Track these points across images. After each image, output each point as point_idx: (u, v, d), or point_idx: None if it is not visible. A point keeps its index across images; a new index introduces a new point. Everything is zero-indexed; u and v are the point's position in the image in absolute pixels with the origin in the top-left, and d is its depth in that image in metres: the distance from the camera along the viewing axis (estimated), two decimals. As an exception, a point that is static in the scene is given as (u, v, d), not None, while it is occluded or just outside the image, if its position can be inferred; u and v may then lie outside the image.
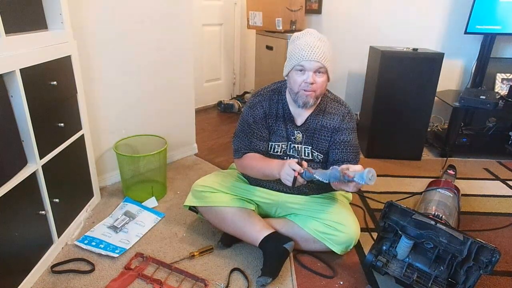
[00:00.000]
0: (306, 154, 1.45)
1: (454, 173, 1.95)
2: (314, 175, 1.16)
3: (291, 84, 1.35)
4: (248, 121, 1.46)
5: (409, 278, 1.21)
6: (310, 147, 1.44)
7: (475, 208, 1.88)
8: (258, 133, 1.46)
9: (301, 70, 1.30)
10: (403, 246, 1.25)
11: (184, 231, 1.62)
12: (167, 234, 1.60)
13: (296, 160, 1.22)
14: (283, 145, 1.46)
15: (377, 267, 1.27)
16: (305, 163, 1.21)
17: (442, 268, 1.20)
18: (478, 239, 1.10)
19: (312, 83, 1.29)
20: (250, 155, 1.47)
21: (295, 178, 1.18)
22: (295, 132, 1.43)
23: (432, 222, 1.19)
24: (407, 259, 1.27)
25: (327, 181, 1.15)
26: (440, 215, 1.35)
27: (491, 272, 1.08)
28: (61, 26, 1.42)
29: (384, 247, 1.31)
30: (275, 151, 1.47)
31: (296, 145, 1.44)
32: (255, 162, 1.42)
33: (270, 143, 1.47)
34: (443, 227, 1.17)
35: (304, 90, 1.31)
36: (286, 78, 1.40)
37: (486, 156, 2.51)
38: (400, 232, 1.24)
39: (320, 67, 1.28)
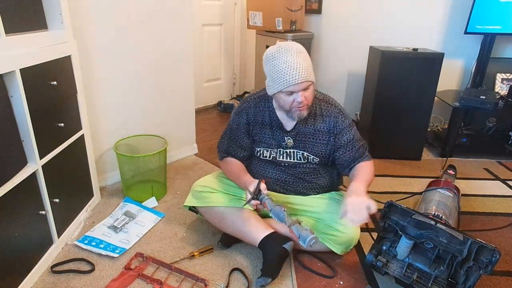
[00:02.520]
0: (298, 158, 1.45)
1: (454, 173, 1.95)
2: (265, 200, 1.27)
3: (281, 104, 1.33)
4: (232, 127, 1.50)
5: (409, 278, 1.21)
6: (302, 151, 1.43)
7: (475, 208, 1.88)
8: (238, 141, 1.49)
9: (290, 93, 1.27)
10: (403, 246, 1.25)
11: (184, 231, 1.62)
12: (167, 234, 1.60)
13: (253, 188, 1.29)
14: (272, 152, 1.46)
15: (377, 267, 1.27)
16: (263, 186, 1.28)
17: (442, 268, 1.20)
18: (478, 239, 1.10)
19: (303, 101, 1.28)
20: (228, 160, 1.52)
21: (253, 198, 1.29)
22: (285, 138, 1.43)
23: (432, 222, 1.19)
24: (407, 259, 1.27)
25: (272, 216, 1.25)
26: (440, 215, 1.36)
27: (491, 272, 1.08)
28: (61, 26, 1.42)
29: (384, 247, 1.31)
30: (264, 156, 1.48)
31: (287, 150, 1.45)
32: (231, 170, 1.49)
33: (257, 149, 1.48)
34: (443, 227, 1.17)
35: (297, 107, 1.30)
36: (271, 96, 1.37)
37: (486, 156, 2.51)
38: (400, 232, 1.24)
39: (308, 84, 1.27)
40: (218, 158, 1.58)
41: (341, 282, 1.35)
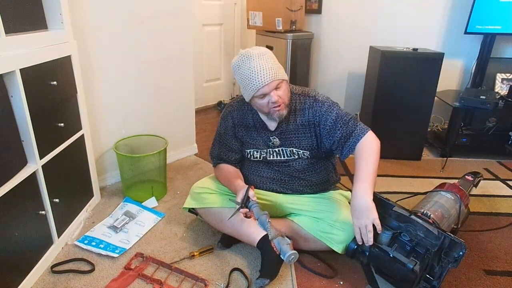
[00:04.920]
0: (287, 155, 1.45)
1: (472, 179, 1.82)
2: (253, 208, 1.28)
3: (258, 108, 1.36)
4: (220, 132, 1.52)
5: None
6: (290, 148, 1.44)
7: (475, 208, 1.87)
8: (228, 144, 1.51)
9: (262, 96, 1.29)
10: (382, 236, 1.29)
11: (184, 231, 1.62)
12: (167, 234, 1.60)
13: (242, 196, 1.30)
14: (261, 152, 1.47)
15: (351, 251, 1.31)
16: (251, 192, 1.30)
17: (417, 261, 1.24)
18: (449, 234, 1.16)
19: (277, 100, 1.28)
20: (220, 167, 1.54)
21: (241, 206, 1.30)
22: (271, 138, 1.44)
23: (407, 214, 1.23)
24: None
25: (258, 224, 1.27)
26: (429, 214, 1.36)
27: (457, 266, 1.16)
28: (61, 26, 1.42)
29: None
30: (254, 157, 1.49)
31: (276, 149, 1.45)
32: (223, 176, 1.51)
33: (248, 150, 1.49)
34: (419, 220, 1.21)
35: (274, 108, 1.31)
36: (249, 102, 1.37)
37: (486, 156, 2.51)
38: None
39: (278, 83, 1.28)
40: (212, 165, 1.60)
41: (341, 282, 1.35)
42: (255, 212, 1.27)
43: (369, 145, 1.32)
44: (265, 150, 1.47)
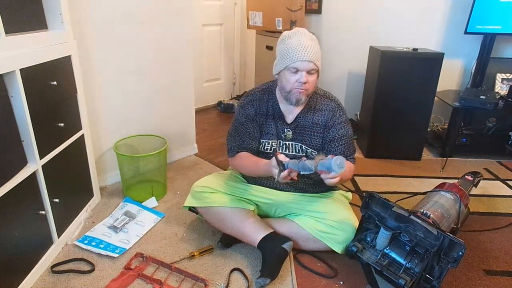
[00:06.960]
0: (296, 151, 1.46)
1: (472, 179, 1.82)
2: (289, 166, 1.18)
3: (283, 83, 1.36)
4: (240, 121, 1.50)
5: (380, 265, 1.26)
6: (300, 144, 1.46)
7: (475, 208, 1.87)
8: (250, 132, 1.49)
9: (294, 71, 1.31)
10: (382, 236, 1.29)
11: (184, 231, 1.62)
12: (167, 234, 1.60)
13: (275, 164, 1.24)
14: (273, 143, 1.48)
15: (351, 252, 1.31)
16: (281, 156, 1.21)
17: (416, 261, 1.25)
18: (449, 234, 1.16)
19: (305, 83, 1.31)
20: (241, 154, 1.50)
21: (280, 170, 1.20)
22: (285, 129, 1.45)
23: (407, 214, 1.23)
24: (386, 250, 1.30)
25: (301, 172, 1.17)
26: (429, 214, 1.36)
27: (457, 266, 1.15)
28: (61, 26, 1.42)
29: (368, 238, 1.35)
30: (265, 148, 1.49)
31: (287, 142, 1.46)
32: (246, 162, 1.46)
33: (261, 141, 1.49)
34: (418, 221, 1.21)
35: (298, 88, 1.33)
36: (276, 76, 1.41)
37: (486, 156, 2.51)
38: (379, 223, 1.29)
39: (313, 67, 1.30)
40: (228, 156, 1.54)
41: (341, 282, 1.35)
42: (292, 167, 1.19)
43: (350, 167, 1.44)
44: (276, 142, 1.47)
